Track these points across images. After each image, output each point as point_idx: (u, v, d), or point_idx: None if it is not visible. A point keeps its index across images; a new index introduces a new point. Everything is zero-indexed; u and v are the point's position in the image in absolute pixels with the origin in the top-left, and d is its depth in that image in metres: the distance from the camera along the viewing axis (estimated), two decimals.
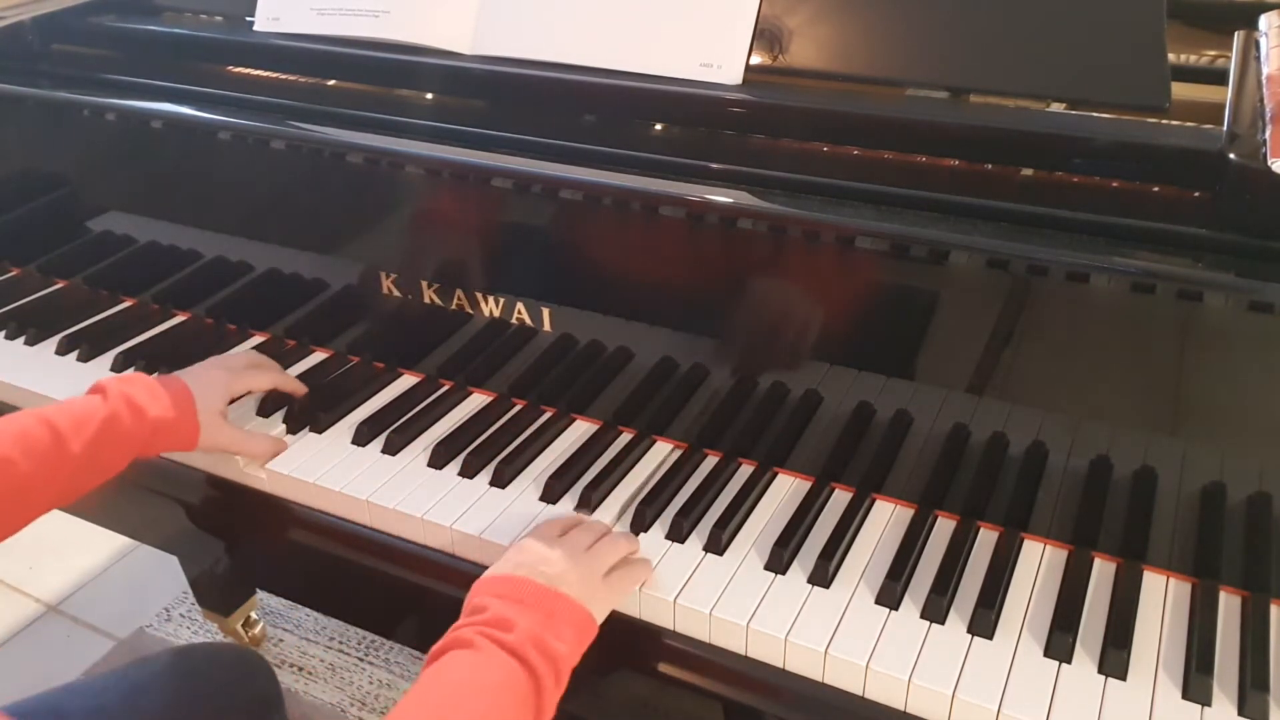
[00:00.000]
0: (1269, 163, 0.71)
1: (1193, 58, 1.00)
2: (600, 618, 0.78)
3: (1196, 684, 0.73)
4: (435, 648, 0.73)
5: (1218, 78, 0.88)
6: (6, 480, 0.82)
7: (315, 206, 1.07)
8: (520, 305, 0.99)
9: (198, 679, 1.02)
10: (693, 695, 0.84)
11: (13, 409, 0.99)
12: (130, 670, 1.01)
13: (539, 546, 0.80)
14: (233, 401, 1.01)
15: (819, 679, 0.78)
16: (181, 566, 1.66)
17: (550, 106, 1.00)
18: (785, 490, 0.93)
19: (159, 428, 0.90)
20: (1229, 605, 0.80)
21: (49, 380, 1.10)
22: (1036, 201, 0.79)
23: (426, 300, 1.03)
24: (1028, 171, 0.84)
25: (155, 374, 1.06)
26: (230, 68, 1.17)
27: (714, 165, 0.89)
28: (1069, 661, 0.76)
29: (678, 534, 0.87)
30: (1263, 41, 0.91)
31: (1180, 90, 0.81)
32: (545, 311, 0.98)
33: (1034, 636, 0.78)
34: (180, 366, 1.10)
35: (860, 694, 0.76)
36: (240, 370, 1.01)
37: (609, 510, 0.91)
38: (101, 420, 0.87)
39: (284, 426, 1.02)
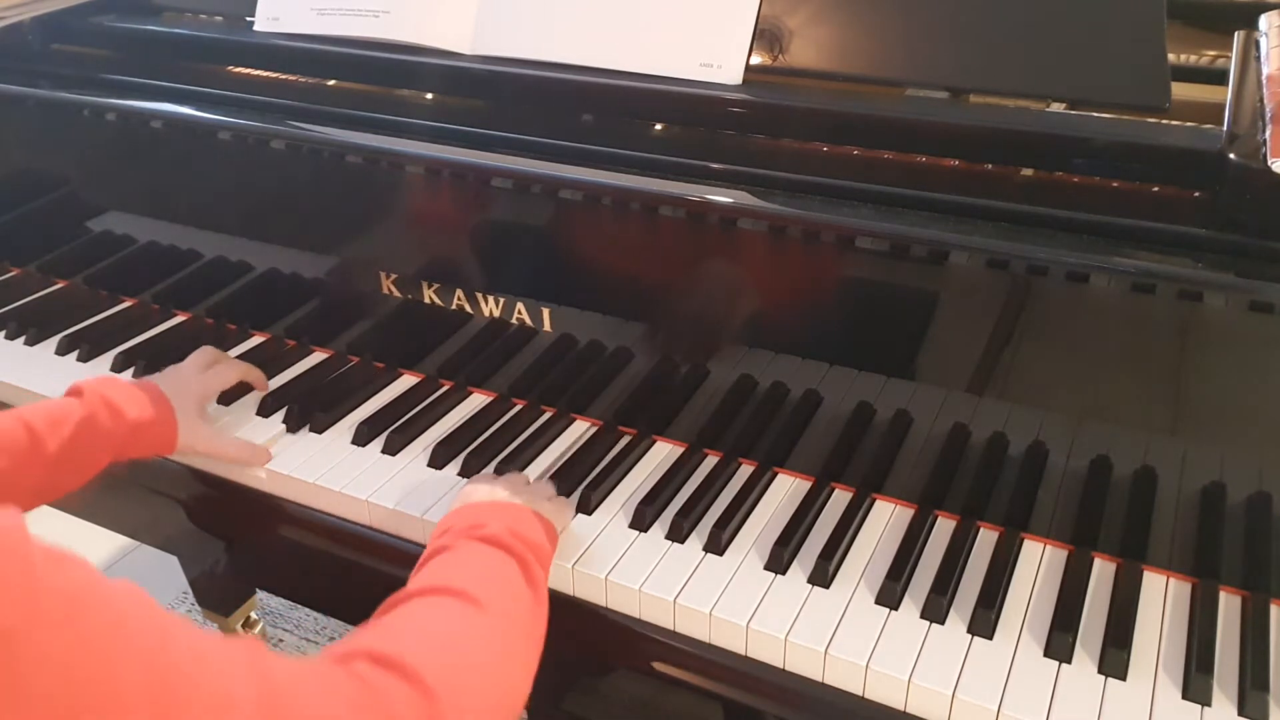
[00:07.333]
0: (1269, 163, 0.71)
1: (1193, 58, 1.00)
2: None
3: (1196, 684, 0.73)
4: (415, 569, 0.74)
5: (1218, 78, 0.88)
6: None
7: (315, 206, 1.07)
8: (520, 305, 0.99)
9: None
10: (693, 695, 0.84)
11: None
12: None
13: (483, 484, 0.86)
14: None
15: (819, 679, 0.78)
16: (181, 566, 1.65)
17: (550, 106, 1.00)
18: (785, 490, 0.93)
19: (137, 428, 0.90)
20: (1229, 605, 0.80)
21: (49, 380, 1.09)
22: (1036, 201, 0.79)
23: (426, 300, 1.03)
24: (1028, 171, 0.84)
25: (133, 376, 1.07)
26: (230, 68, 1.17)
27: (714, 165, 0.89)
28: (1069, 661, 0.76)
29: (678, 534, 0.87)
30: (1263, 41, 0.91)
31: (1180, 90, 0.81)
32: (545, 311, 0.98)
33: (1034, 636, 0.78)
34: None
35: (860, 694, 0.76)
36: (206, 371, 1.02)
37: (609, 510, 0.91)
38: (79, 420, 0.86)
39: (284, 426, 1.02)
